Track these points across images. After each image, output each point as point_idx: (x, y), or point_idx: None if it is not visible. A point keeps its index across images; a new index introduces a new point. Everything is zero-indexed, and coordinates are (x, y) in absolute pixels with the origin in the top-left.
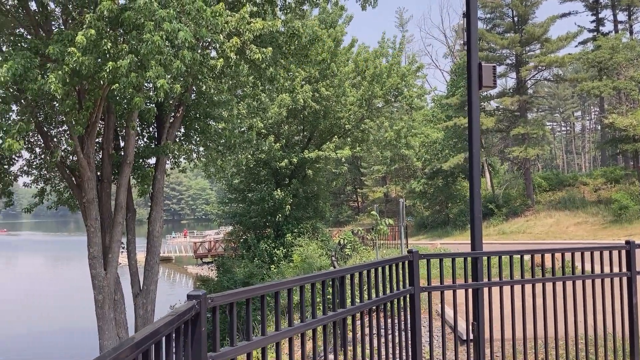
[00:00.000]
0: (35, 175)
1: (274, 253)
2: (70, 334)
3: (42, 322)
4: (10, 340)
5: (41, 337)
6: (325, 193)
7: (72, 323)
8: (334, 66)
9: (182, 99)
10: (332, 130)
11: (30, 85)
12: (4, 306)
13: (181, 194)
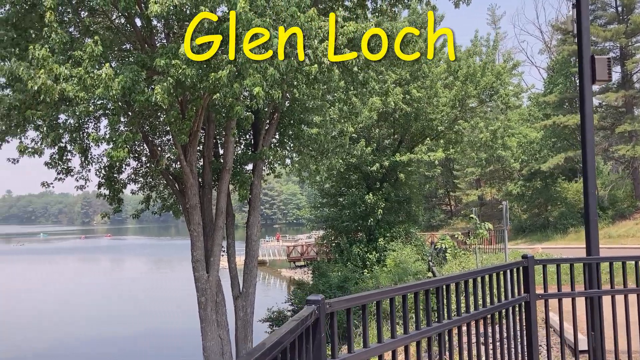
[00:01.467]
0: (142, 183)
1: (366, 257)
2: (175, 334)
3: (149, 322)
4: (121, 340)
5: (147, 337)
6: (417, 196)
7: (177, 324)
8: (425, 67)
9: (276, 106)
10: (424, 133)
11: (138, 97)
12: (114, 308)
13: (273, 198)
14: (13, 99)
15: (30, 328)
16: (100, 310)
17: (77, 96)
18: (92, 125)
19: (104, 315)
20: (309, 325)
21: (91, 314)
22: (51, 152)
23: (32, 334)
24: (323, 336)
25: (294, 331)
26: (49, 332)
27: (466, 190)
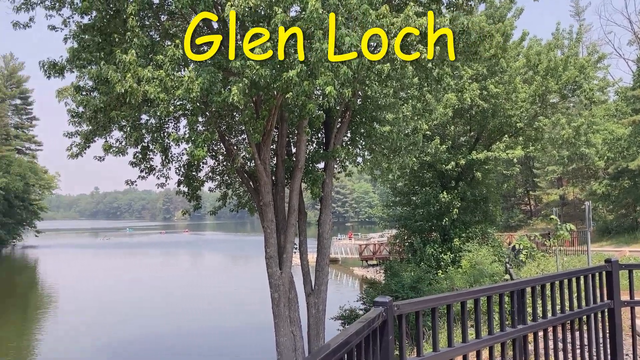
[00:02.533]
0: (219, 181)
1: (440, 258)
2: (250, 328)
3: (224, 317)
4: (198, 333)
5: (222, 332)
6: (495, 196)
7: (252, 318)
8: (503, 62)
9: (348, 104)
10: (502, 130)
11: (215, 98)
12: (193, 301)
13: (345, 197)
14: (99, 101)
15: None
16: (179, 304)
17: (158, 97)
18: (172, 125)
19: (183, 308)
20: (376, 327)
21: (171, 307)
22: (134, 151)
23: (114, 326)
24: (391, 338)
25: (361, 332)
26: (134, 324)
27: (547, 189)
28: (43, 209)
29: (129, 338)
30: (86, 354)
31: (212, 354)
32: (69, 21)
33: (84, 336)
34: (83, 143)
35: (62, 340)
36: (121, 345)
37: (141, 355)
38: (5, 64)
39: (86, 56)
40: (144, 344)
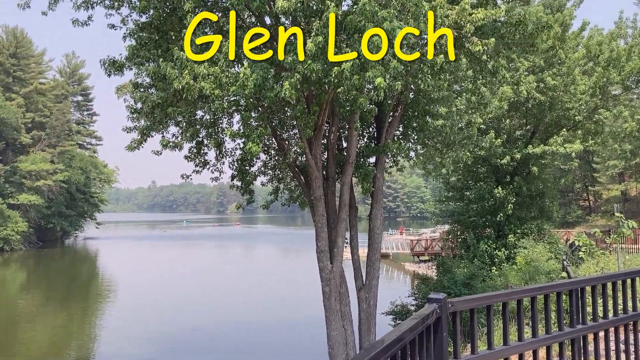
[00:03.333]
0: (271, 175)
1: (494, 254)
2: (300, 322)
3: (275, 309)
4: (249, 326)
5: (274, 324)
6: (552, 191)
7: (302, 311)
8: (561, 53)
9: (400, 98)
10: (560, 123)
11: (268, 93)
12: (244, 295)
13: (396, 191)
14: (156, 98)
15: (170, 310)
16: (233, 296)
17: (213, 94)
18: (225, 120)
19: (236, 300)
20: (430, 323)
21: (224, 299)
22: (190, 146)
23: (170, 316)
24: (445, 335)
25: (415, 329)
26: (189, 314)
27: (607, 184)
28: (103, 202)
29: (183, 328)
30: (142, 344)
31: (264, 346)
32: (127, 19)
33: (141, 326)
34: (140, 138)
35: (120, 330)
36: (175, 335)
37: (194, 345)
38: (67, 62)
39: (144, 54)
40: (197, 334)
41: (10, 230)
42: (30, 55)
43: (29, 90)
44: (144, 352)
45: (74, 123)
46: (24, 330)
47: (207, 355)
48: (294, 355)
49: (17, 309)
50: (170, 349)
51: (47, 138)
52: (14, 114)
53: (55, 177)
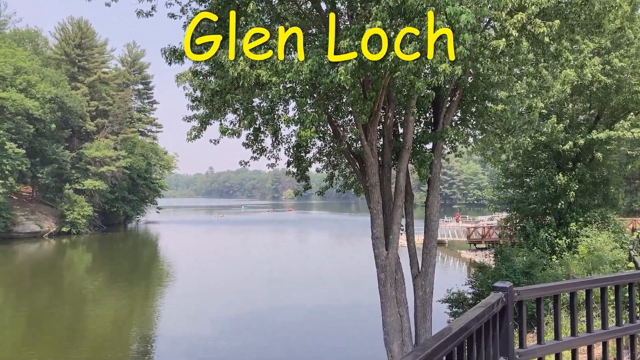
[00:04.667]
0: (326, 162)
1: (555, 243)
2: (355, 308)
3: (331, 294)
4: (305, 310)
5: (330, 309)
6: (617, 178)
7: (357, 297)
8: (630, 33)
9: (458, 83)
10: (627, 107)
11: (323, 79)
12: (300, 279)
13: (452, 178)
14: (215, 85)
15: (228, 293)
16: (288, 280)
17: (269, 81)
18: (281, 107)
19: (292, 285)
20: (496, 312)
21: (280, 283)
22: (247, 133)
23: (227, 299)
24: (511, 324)
25: (480, 318)
26: (245, 298)
27: None
28: (163, 188)
29: (241, 310)
30: (202, 325)
31: (319, 331)
32: (187, 8)
33: (200, 307)
34: (200, 126)
35: (180, 311)
36: (234, 317)
37: (252, 326)
38: (128, 52)
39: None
40: (255, 316)
41: (77, 214)
42: (94, 45)
43: (93, 80)
44: (204, 332)
45: (135, 111)
46: (90, 309)
47: (263, 336)
48: (349, 341)
49: (83, 289)
50: (229, 330)
51: (110, 125)
52: (79, 103)
53: (118, 163)
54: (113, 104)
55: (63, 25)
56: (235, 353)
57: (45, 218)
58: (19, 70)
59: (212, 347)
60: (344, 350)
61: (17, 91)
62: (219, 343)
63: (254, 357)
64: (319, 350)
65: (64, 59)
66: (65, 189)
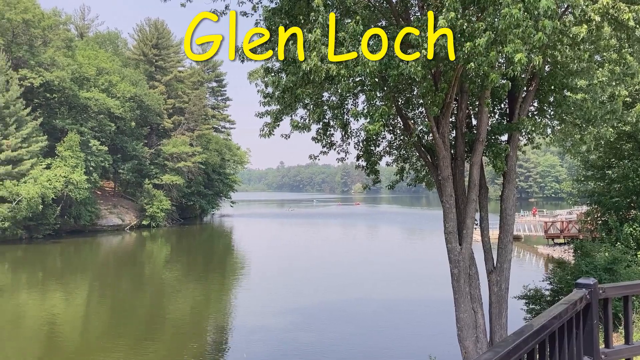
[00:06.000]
0: (396, 155)
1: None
2: (427, 302)
3: (402, 288)
4: (375, 304)
5: (402, 303)
6: None
7: (429, 292)
8: None
9: (535, 72)
10: None
11: (393, 71)
12: (371, 273)
13: (529, 170)
14: (287, 81)
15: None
16: (359, 273)
17: (339, 74)
18: (351, 101)
19: (363, 278)
20: (579, 310)
21: (351, 276)
22: (317, 127)
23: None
24: (595, 323)
25: (563, 315)
26: (318, 290)
27: None
28: (237, 182)
29: (312, 302)
30: (277, 316)
31: (390, 325)
32: (258, 6)
33: (274, 298)
34: (273, 122)
35: (255, 301)
36: (305, 309)
37: (326, 318)
38: (202, 50)
39: (274, 38)
40: (325, 309)
41: (156, 208)
42: (170, 45)
43: (169, 78)
44: (278, 323)
45: (210, 108)
46: (168, 299)
47: (335, 328)
48: (420, 335)
49: (162, 280)
50: (302, 321)
51: (186, 122)
52: (157, 101)
53: (194, 159)
54: (188, 102)
55: (141, 26)
56: (310, 344)
57: (127, 212)
58: (101, 71)
59: (287, 337)
60: (416, 345)
61: (99, 91)
62: (293, 334)
63: (327, 348)
64: (390, 343)
65: (142, 59)
66: (145, 184)
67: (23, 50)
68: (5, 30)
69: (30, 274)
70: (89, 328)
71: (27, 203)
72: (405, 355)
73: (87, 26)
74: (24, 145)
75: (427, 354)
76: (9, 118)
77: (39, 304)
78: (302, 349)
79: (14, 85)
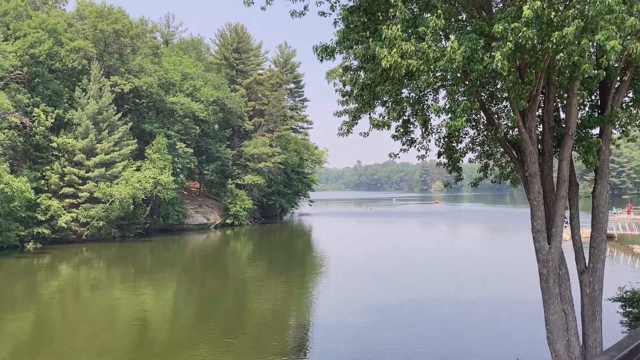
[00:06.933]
0: (479, 152)
1: None
2: (513, 303)
3: (487, 288)
4: (458, 303)
5: (486, 304)
6: None
7: (515, 293)
8: None
9: (629, 60)
10: None
11: (476, 65)
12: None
13: (621, 166)
14: (365, 78)
15: (382, 283)
16: (443, 272)
17: (419, 70)
18: (431, 97)
19: (445, 277)
20: None
21: (434, 275)
22: (396, 124)
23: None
24: None
25: None
26: (401, 289)
27: None
28: (314, 181)
29: (394, 301)
30: (357, 314)
31: (476, 326)
32: (336, 5)
33: (354, 296)
34: (351, 121)
35: (334, 299)
36: (387, 308)
37: (405, 319)
38: (281, 52)
39: (353, 36)
40: (407, 309)
41: (239, 207)
42: (250, 49)
43: (250, 81)
44: (360, 322)
45: (288, 109)
46: (251, 295)
47: (417, 328)
48: (507, 337)
49: (245, 276)
50: (385, 321)
51: (265, 124)
52: (238, 104)
53: (273, 159)
54: (268, 104)
55: (222, 31)
56: (392, 345)
57: (211, 211)
58: (185, 76)
59: (369, 336)
60: (502, 347)
61: (184, 95)
62: (375, 333)
63: (410, 350)
64: (475, 345)
65: (223, 63)
66: (228, 184)
67: (114, 59)
68: (98, 41)
69: (123, 270)
70: (177, 322)
71: (120, 203)
72: (492, 357)
73: (172, 33)
74: (116, 148)
75: (515, 356)
76: (102, 123)
77: (131, 298)
78: (385, 349)
79: (106, 92)
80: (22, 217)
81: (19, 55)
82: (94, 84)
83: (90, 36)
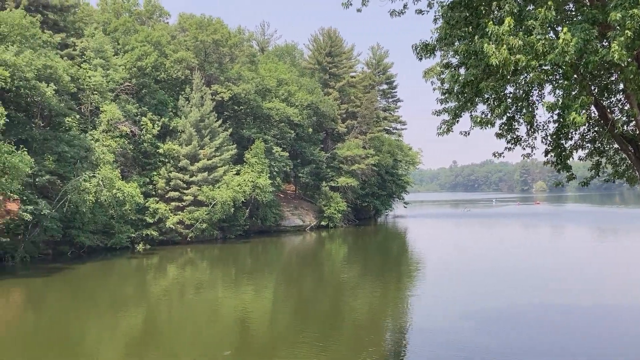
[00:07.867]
0: (589, 149)
1: None
2: (624, 310)
3: (591, 294)
4: (560, 311)
5: (590, 310)
6: None
7: (627, 299)
8: None
9: None
10: None
11: (592, 57)
12: (558, 276)
13: None
14: (467, 75)
15: (480, 288)
16: (541, 276)
17: (528, 65)
18: (536, 93)
19: (545, 281)
20: None
21: (537, 279)
22: (500, 122)
23: (480, 295)
24: None
25: None
26: (501, 294)
27: None
28: (409, 183)
29: (491, 305)
30: (454, 319)
31: (581, 333)
32: (433, 3)
33: (451, 300)
34: (451, 120)
35: (431, 302)
36: (484, 312)
37: (503, 324)
38: (373, 54)
39: (455, 33)
40: (506, 313)
41: (333, 209)
42: (342, 52)
43: (342, 84)
44: (457, 326)
45: (381, 110)
46: (347, 297)
47: (517, 333)
48: (611, 346)
49: (341, 278)
50: (482, 326)
51: (358, 126)
52: (331, 107)
53: (367, 161)
54: (360, 106)
55: (315, 36)
56: (496, 351)
57: (307, 213)
58: (280, 82)
59: (470, 341)
60: (606, 355)
61: (280, 101)
62: (476, 339)
63: (510, 356)
64: (583, 354)
65: (317, 68)
66: (322, 186)
67: (214, 68)
68: (199, 51)
69: (225, 270)
70: (276, 321)
71: (221, 206)
72: None
73: (267, 41)
74: (217, 154)
75: None
76: (204, 130)
77: (232, 297)
78: (488, 355)
79: (208, 100)
80: (133, 220)
81: (127, 68)
82: (196, 92)
83: (192, 47)
